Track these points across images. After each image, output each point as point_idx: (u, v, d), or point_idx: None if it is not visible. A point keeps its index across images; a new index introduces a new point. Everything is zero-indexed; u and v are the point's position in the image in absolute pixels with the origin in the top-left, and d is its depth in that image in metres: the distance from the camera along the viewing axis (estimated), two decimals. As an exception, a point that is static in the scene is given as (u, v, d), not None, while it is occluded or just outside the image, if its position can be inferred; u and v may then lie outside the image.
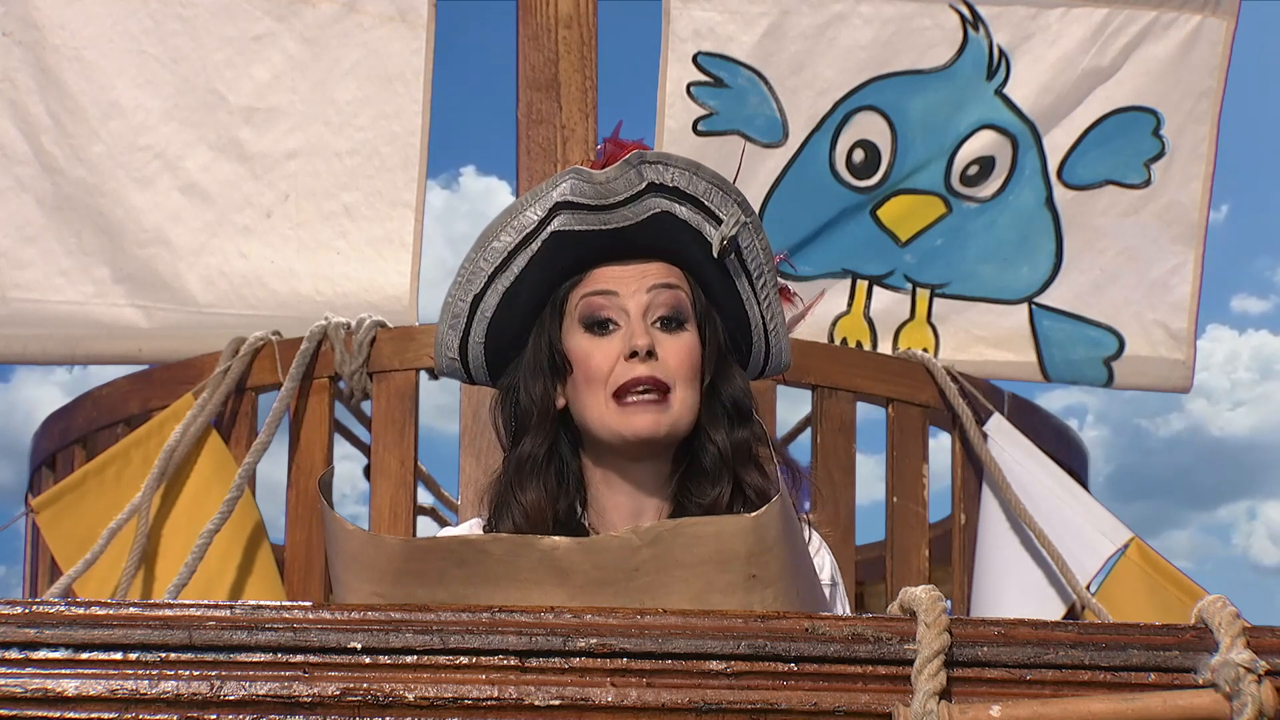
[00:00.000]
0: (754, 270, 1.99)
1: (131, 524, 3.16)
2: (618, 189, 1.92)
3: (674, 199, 1.93)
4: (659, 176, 1.91)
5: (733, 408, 2.00)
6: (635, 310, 1.96)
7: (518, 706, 1.36)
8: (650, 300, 1.97)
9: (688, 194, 1.92)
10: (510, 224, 1.97)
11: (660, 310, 1.97)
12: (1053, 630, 1.39)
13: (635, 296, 1.97)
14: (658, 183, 1.91)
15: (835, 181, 3.68)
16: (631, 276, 1.97)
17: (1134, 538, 3.44)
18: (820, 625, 1.38)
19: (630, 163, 1.91)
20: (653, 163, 1.91)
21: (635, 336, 1.94)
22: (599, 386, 1.95)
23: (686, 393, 1.96)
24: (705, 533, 1.55)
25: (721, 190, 1.93)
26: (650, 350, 1.94)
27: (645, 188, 1.92)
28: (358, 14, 3.56)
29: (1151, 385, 3.86)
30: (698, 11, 3.60)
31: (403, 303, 3.50)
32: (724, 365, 2.01)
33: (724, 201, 1.93)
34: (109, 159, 3.52)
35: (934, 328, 3.73)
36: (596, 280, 1.98)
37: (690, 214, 1.93)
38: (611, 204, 1.93)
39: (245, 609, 1.38)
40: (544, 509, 1.97)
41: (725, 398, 2.00)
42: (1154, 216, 3.77)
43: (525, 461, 1.99)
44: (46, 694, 1.35)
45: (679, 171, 1.92)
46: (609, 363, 1.95)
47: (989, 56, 3.69)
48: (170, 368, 3.48)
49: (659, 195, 1.92)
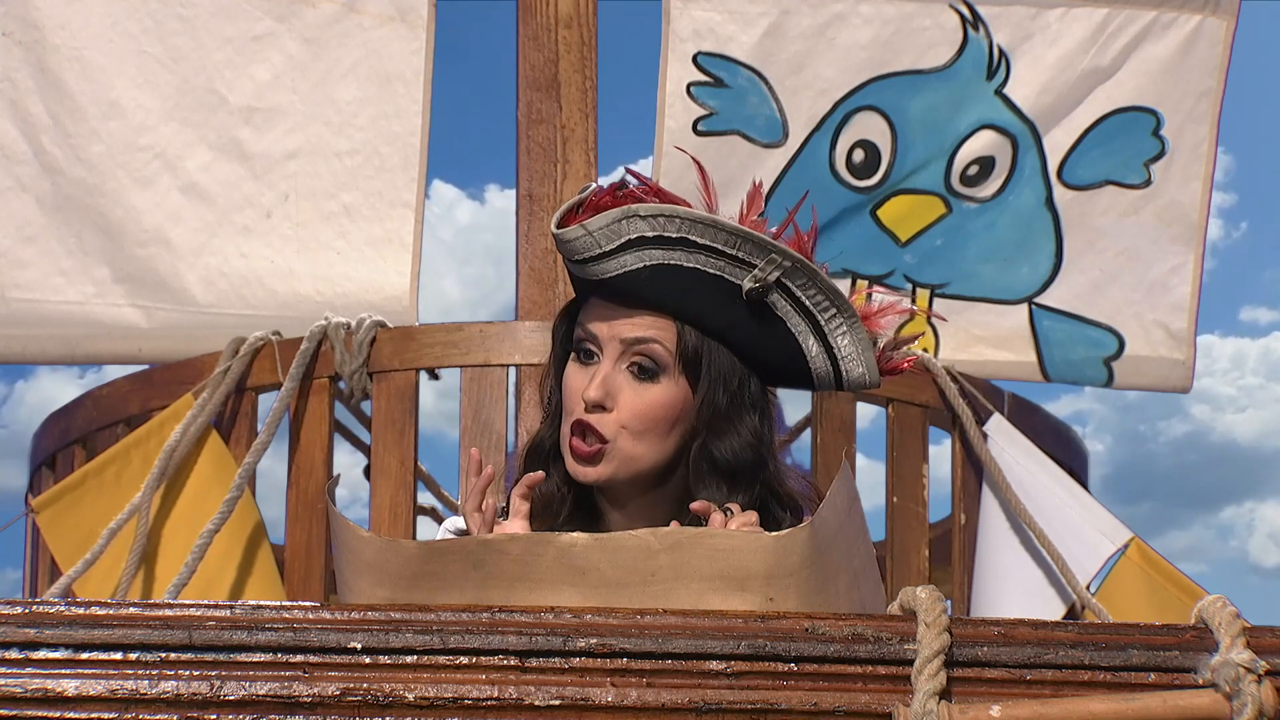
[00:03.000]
0: (817, 308, 1.92)
1: (131, 524, 3.16)
2: (577, 250, 1.91)
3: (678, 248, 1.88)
4: (653, 229, 1.88)
5: (727, 473, 1.94)
6: (609, 358, 1.95)
7: (518, 706, 1.36)
8: (623, 349, 1.95)
9: (702, 245, 1.88)
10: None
11: (633, 358, 1.95)
12: (1053, 630, 1.39)
13: (611, 344, 1.95)
14: (652, 236, 1.88)
15: (835, 181, 3.68)
16: (614, 322, 1.95)
17: (1134, 538, 3.44)
18: (820, 625, 1.38)
19: (587, 228, 1.89)
20: (645, 217, 1.88)
21: (590, 387, 1.93)
22: (568, 416, 1.97)
23: (634, 444, 1.93)
24: (724, 546, 1.53)
25: (748, 240, 1.88)
26: (600, 403, 1.93)
27: (621, 245, 1.89)
28: (358, 14, 3.56)
29: (1151, 385, 3.86)
30: (698, 11, 3.59)
31: (403, 303, 3.50)
32: (719, 422, 1.95)
33: (755, 250, 1.88)
34: (109, 159, 3.52)
35: (934, 328, 3.73)
36: (588, 315, 1.98)
37: (708, 260, 1.89)
38: (579, 260, 1.92)
39: (245, 609, 1.38)
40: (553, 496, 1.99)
41: (718, 459, 1.94)
42: (1154, 216, 3.77)
43: (532, 449, 2.03)
44: (46, 694, 1.35)
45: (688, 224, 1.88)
46: (577, 394, 1.95)
47: (989, 56, 3.69)
48: (170, 368, 3.48)
49: (654, 248, 1.89)
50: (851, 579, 1.65)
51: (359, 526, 1.62)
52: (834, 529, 1.58)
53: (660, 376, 1.95)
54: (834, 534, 1.58)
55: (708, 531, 1.57)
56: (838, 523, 1.58)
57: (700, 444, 1.95)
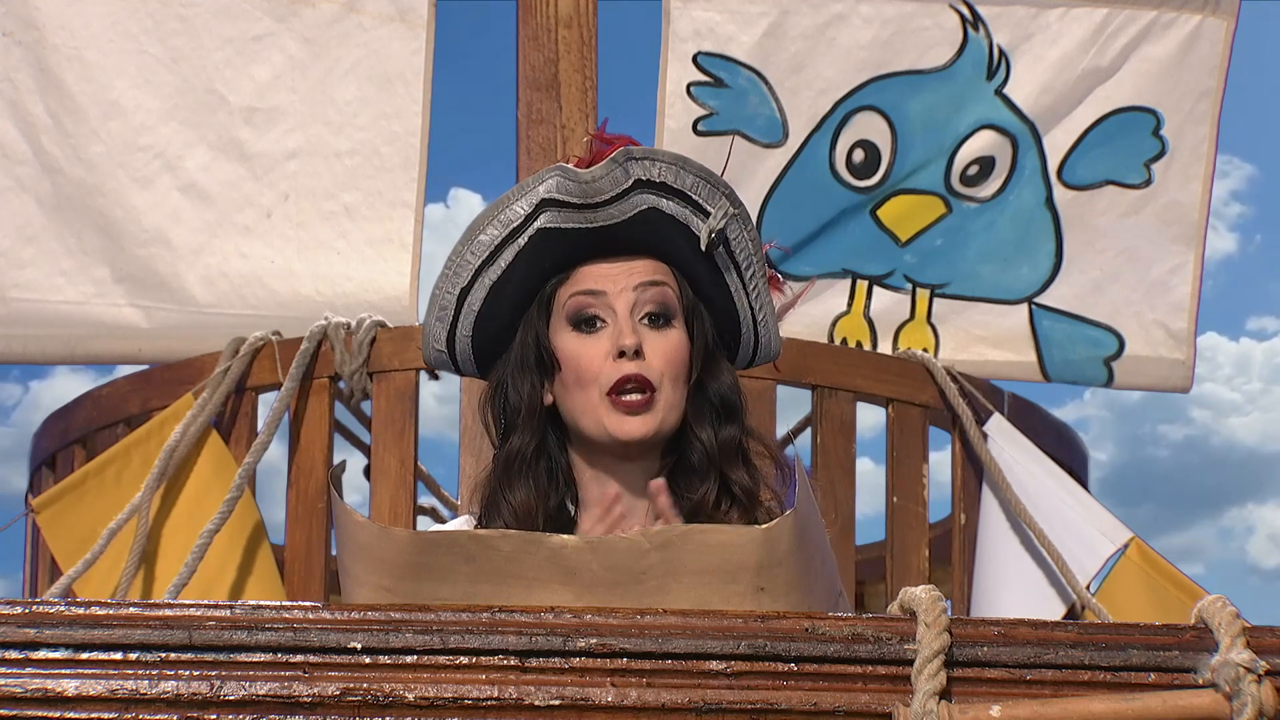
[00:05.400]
0: (743, 262, 1.98)
1: (131, 524, 3.16)
2: (604, 188, 1.92)
3: (661, 194, 1.92)
4: (645, 172, 1.91)
5: (720, 405, 2.00)
6: (623, 308, 1.96)
7: (518, 706, 1.36)
8: (637, 298, 1.96)
9: (675, 188, 1.92)
10: (497, 218, 1.96)
11: (647, 307, 1.97)
12: (1053, 630, 1.39)
13: (623, 295, 1.96)
14: (644, 179, 1.91)
15: (835, 181, 3.68)
16: (619, 274, 1.97)
17: (1134, 537, 3.44)
18: (820, 625, 1.38)
19: (616, 160, 1.90)
20: (639, 159, 1.90)
21: (623, 335, 1.93)
22: (590, 386, 1.95)
23: (672, 391, 1.96)
24: (714, 541, 1.54)
25: (709, 184, 1.93)
26: (638, 349, 1.93)
27: (632, 185, 1.91)
28: (358, 14, 3.56)
29: (1151, 385, 3.86)
30: (698, 11, 3.60)
31: (403, 303, 3.50)
32: (711, 362, 2.00)
33: (712, 195, 1.93)
34: (109, 159, 3.52)
35: (934, 328, 3.73)
36: (583, 279, 1.98)
37: (678, 208, 1.92)
38: (597, 203, 1.93)
39: (245, 609, 1.38)
40: (534, 508, 1.97)
41: (712, 394, 1.99)
42: (1154, 216, 3.77)
43: (514, 459, 1.99)
44: (46, 694, 1.35)
45: (666, 166, 1.91)
46: (598, 361, 1.95)
47: (989, 56, 3.69)
48: (170, 368, 3.48)
49: (646, 191, 1.91)
50: (824, 555, 1.69)
51: (356, 511, 1.63)
52: (810, 510, 1.60)
53: (673, 321, 1.98)
54: (810, 515, 1.60)
55: (697, 528, 1.58)
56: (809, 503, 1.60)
57: (697, 380, 1.99)
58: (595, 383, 1.95)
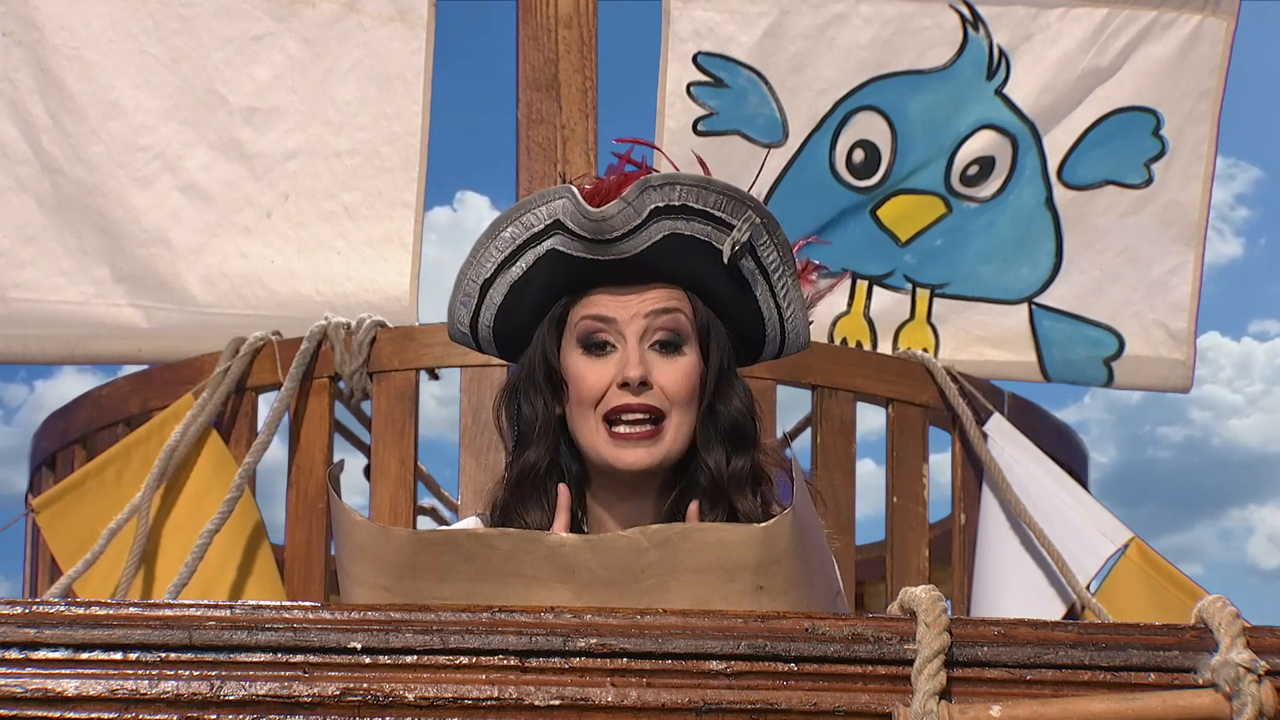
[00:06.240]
0: (770, 267, 1.96)
1: (131, 524, 3.16)
2: (615, 225, 1.89)
3: (680, 217, 1.89)
4: (665, 199, 1.88)
5: (730, 431, 1.98)
6: (632, 336, 1.94)
7: (518, 706, 1.36)
8: (648, 325, 1.95)
9: (696, 209, 1.89)
10: (519, 219, 1.95)
11: (658, 335, 1.95)
12: (1053, 630, 1.39)
13: (634, 321, 1.95)
14: (662, 205, 1.88)
15: (835, 181, 3.68)
16: (631, 301, 1.95)
17: (1134, 537, 3.44)
18: (820, 625, 1.38)
19: (627, 199, 1.88)
20: (658, 186, 1.88)
21: (629, 366, 1.92)
22: (589, 410, 1.94)
23: (681, 418, 1.94)
24: (713, 540, 1.55)
25: (733, 198, 1.90)
26: (643, 380, 1.92)
27: (647, 216, 1.88)
28: (358, 14, 3.56)
29: (1151, 385, 3.86)
30: (698, 11, 3.60)
31: (403, 303, 3.50)
32: (724, 385, 1.99)
33: (736, 208, 1.90)
34: (109, 159, 3.52)
35: (934, 328, 3.73)
36: (595, 304, 1.96)
37: (699, 227, 1.90)
38: (607, 240, 1.90)
39: (245, 609, 1.38)
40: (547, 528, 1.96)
41: (723, 420, 1.97)
42: (1154, 216, 3.77)
43: (528, 474, 1.98)
44: (46, 694, 1.35)
45: (687, 189, 1.88)
46: (602, 386, 1.94)
47: (989, 56, 3.69)
48: (170, 368, 3.48)
49: (664, 218, 1.89)
50: (822, 553, 1.69)
51: (355, 511, 1.63)
52: (807, 509, 1.60)
53: (684, 347, 1.96)
54: (808, 514, 1.60)
55: (696, 526, 1.57)
56: (806, 503, 1.60)
57: (708, 406, 1.97)
58: (594, 407, 1.94)
